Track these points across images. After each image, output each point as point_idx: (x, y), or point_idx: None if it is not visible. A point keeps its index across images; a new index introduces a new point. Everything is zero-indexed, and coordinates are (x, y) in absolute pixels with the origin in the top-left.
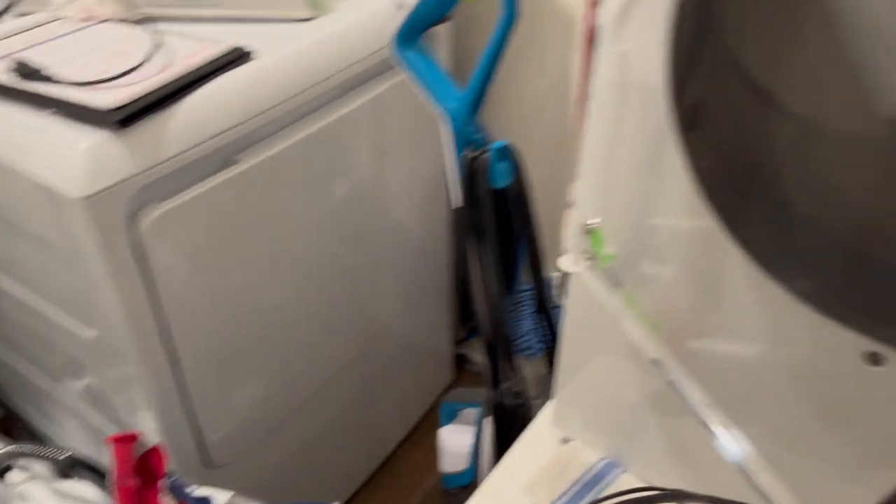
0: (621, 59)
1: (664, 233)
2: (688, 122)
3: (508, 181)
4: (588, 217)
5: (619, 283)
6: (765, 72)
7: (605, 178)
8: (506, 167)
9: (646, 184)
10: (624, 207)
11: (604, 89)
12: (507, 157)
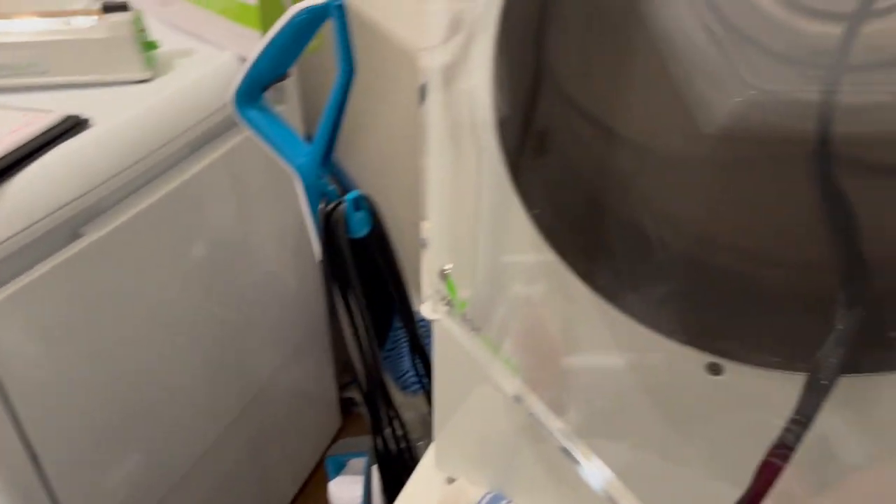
0: (454, 98)
1: (514, 272)
2: (525, 160)
3: (367, 229)
4: (441, 262)
5: (477, 326)
6: (596, 103)
7: (451, 220)
8: (363, 216)
9: (491, 224)
10: (473, 250)
11: (438, 130)
12: (362, 206)
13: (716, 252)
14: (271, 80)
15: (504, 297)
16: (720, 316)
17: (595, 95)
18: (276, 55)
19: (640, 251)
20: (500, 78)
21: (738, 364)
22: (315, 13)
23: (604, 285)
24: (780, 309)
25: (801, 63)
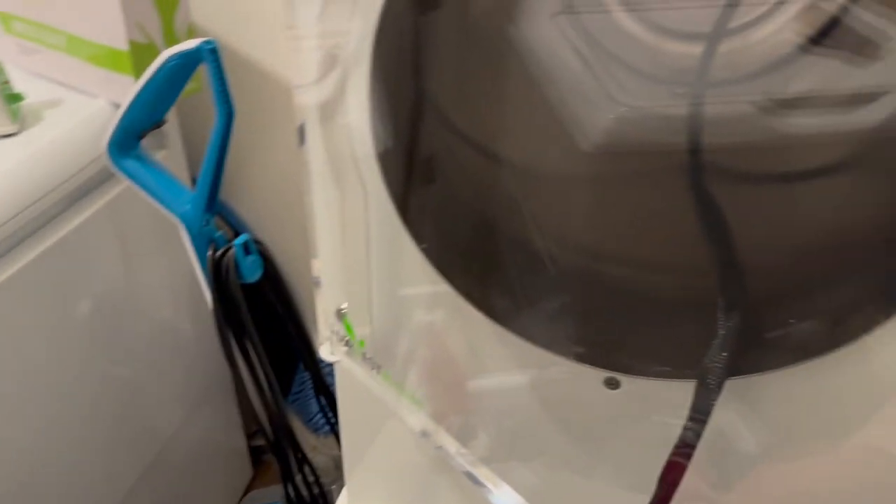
0: (334, 135)
1: (412, 305)
2: (413, 191)
3: (259, 273)
4: (336, 301)
5: (378, 364)
6: (477, 127)
7: (341, 258)
8: (254, 260)
9: (382, 259)
10: (367, 286)
11: (320, 167)
12: (252, 250)
13: (605, 265)
14: (147, 127)
15: (404, 331)
16: (612, 331)
17: (476, 120)
18: (150, 101)
19: (532, 271)
20: (379, 110)
21: (633, 376)
22: (188, 58)
23: (499, 310)
24: (668, 318)
25: (669, 81)
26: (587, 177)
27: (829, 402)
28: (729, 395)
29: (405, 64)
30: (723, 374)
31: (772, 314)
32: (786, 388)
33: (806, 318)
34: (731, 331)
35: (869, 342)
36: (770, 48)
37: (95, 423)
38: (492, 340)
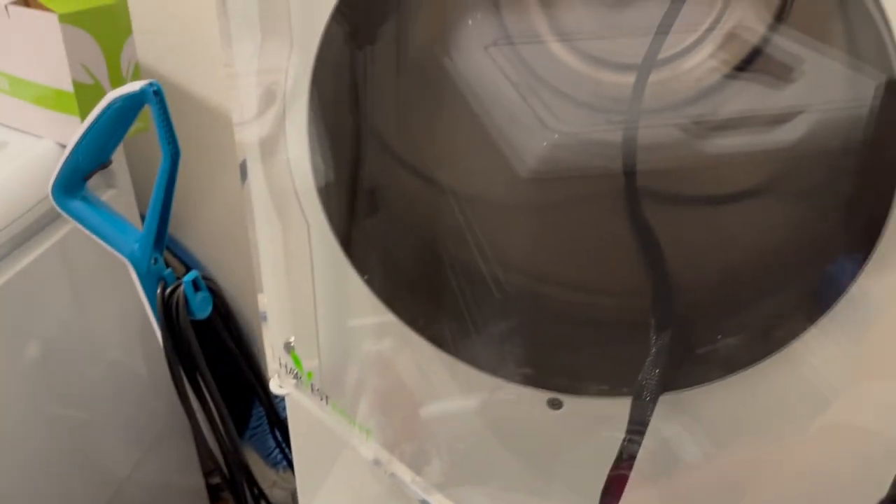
0: (275, 170)
1: (358, 336)
2: (356, 223)
3: (209, 309)
4: (283, 334)
5: (326, 395)
6: (418, 156)
7: (287, 292)
8: (203, 297)
9: (327, 292)
10: (313, 319)
11: (263, 203)
12: (201, 286)
13: (548, 287)
14: (93, 168)
15: (353, 362)
16: (554, 353)
17: (417, 149)
18: (95, 143)
19: (477, 297)
20: (319, 144)
21: (574, 396)
22: (132, 100)
23: (445, 337)
24: (606, 339)
25: (605, 109)
26: (528, 203)
27: (764, 407)
28: (668, 409)
29: (344, 98)
30: (656, 390)
31: (701, 331)
32: (722, 398)
33: (734, 334)
34: (662, 348)
35: (797, 348)
36: (698, 77)
37: (48, 465)
38: (439, 367)
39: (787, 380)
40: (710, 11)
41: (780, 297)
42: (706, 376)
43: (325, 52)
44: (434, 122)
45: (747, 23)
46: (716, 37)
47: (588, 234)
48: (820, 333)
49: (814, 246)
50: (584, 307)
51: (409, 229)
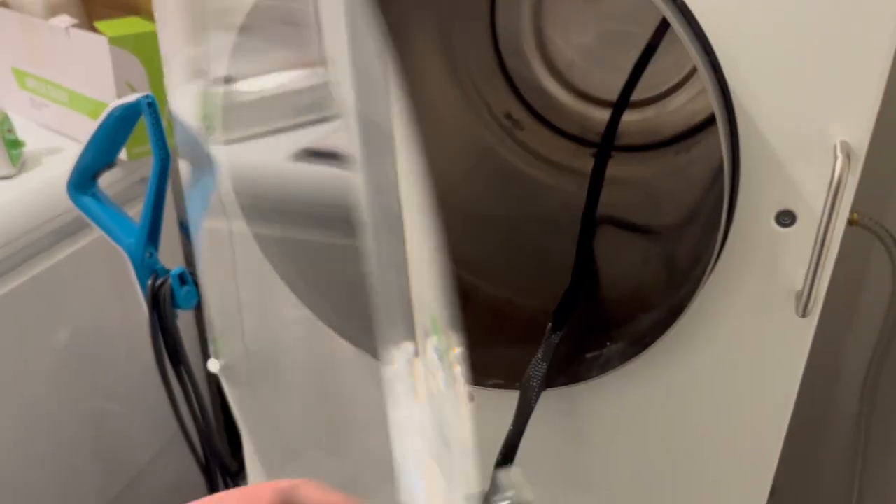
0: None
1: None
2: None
3: (194, 303)
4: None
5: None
6: None
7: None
8: (189, 290)
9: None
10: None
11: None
12: (187, 280)
13: (480, 282)
14: (100, 168)
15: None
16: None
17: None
18: (102, 146)
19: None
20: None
21: (479, 389)
22: (130, 109)
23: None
24: (518, 340)
25: (591, 143)
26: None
27: (632, 403)
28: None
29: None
30: (541, 383)
31: (597, 339)
32: (598, 395)
33: (617, 342)
34: (551, 346)
35: (657, 352)
36: (685, 117)
37: (68, 453)
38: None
39: (647, 381)
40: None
41: (656, 313)
42: (584, 376)
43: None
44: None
45: None
46: (698, 81)
47: (534, 246)
48: (672, 343)
49: (683, 275)
50: (507, 305)
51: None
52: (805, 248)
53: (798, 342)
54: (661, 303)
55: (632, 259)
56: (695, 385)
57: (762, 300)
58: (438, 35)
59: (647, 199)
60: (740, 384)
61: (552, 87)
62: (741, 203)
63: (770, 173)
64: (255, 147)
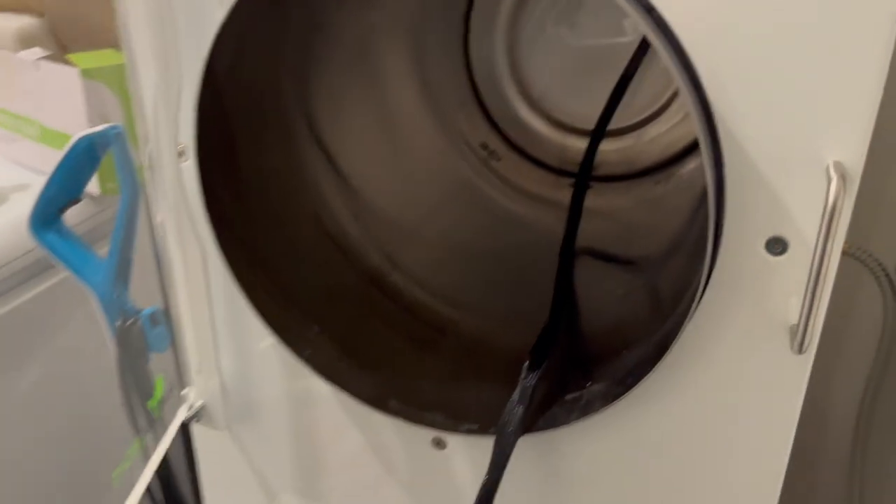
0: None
1: (253, 364)
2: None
3: (167, 345)
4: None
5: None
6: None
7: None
8: (161, 331)
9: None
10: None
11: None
12: (160, 321)
13: (459, 315)
14: (65, 202)
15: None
16: (439, 390)
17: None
18: (67, 179)
19: (374, 329)
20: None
21: (451, 434)
22: (96, 140)
23: (328, 366)
24: (495, 378)
25: (570, 174)
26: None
27: (615, 446)
28: (531, 452)
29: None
30: (518, 428)
31: (577, 379)
32: (579, 439)
33: (599, 381)
34: (527, 389)
35: (642, 392)
36: (663, 146)
37: (40, 483)
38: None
39: (633, 423)
40: (670, 85)
41: (639, 350)
42: (565, 419)
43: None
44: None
45: None
46: (677, 109)
47: (513, 277)
48: (658, 383)
49: (667, 308)
50: (485, 338)
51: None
52: (798, 278)
53: (794, 379)
54: (644, 338)
55: (613, 292)
56: (683, 428)
57: (753, 335)
58: (412, 65)
59: (626, 230)
60: (732, 426)
61: (528, 117)
62: (728, 230)
63: (758, 198)
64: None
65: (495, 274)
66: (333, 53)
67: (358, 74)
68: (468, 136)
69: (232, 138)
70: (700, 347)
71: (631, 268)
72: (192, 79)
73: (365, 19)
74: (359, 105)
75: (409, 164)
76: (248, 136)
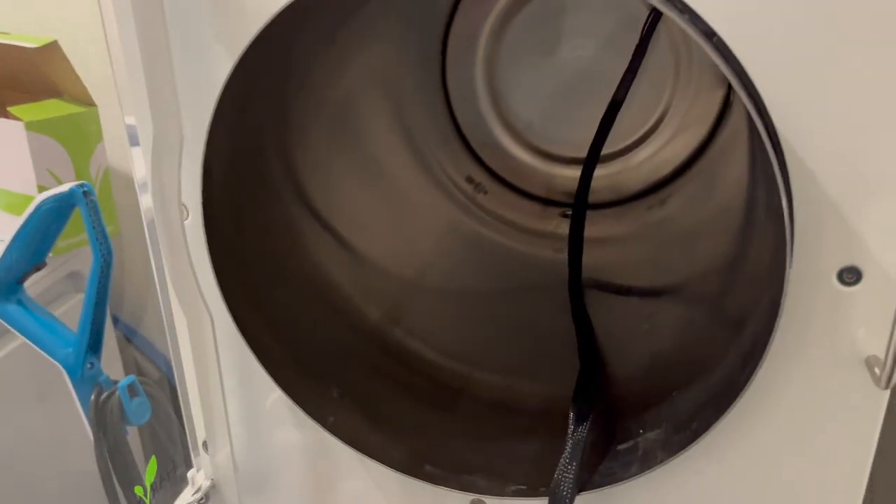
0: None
1: (269, 433)
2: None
3: (147, 416)
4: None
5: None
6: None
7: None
8: (141, 402)
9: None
10: (222, 414)
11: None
12: (138, 392)
13: (477, 374)
14: (27, 269)
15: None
16: (472, 450)
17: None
18: (29, 245)
19: (396, 385)
20: None
21: (496, 498)
22: (62, 200)
23: (353, 432)
24: (526, 431)
25: (559, 204)
26: (464, 288)
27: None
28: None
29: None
30: (573, 487)
31: (624, 426)
32: (640, 496)
33: (654, 428)
34: (579, 442)
35: (710, 443)
36: (650, 170)
37: None
38: (356, 469)
39: (702, 474)
40: (655, 108)
41: (694, 390)
42: (624, 473)
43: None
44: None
45: (692, 120)
46: (663, 132)
47: (523, 323)
48: (728, 428)
49: (722, 343)
50: (509, 395)
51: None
52: (872, 308)
53: (872, 414)
54: (697, 377)
55: (636, 328)
56: (756, 472)
57: (827, 371)
58: (392, 110)
59: (631, 260)
60: (807, 467)
61: (512, 147)
62: (798, 261)
63: (830, 226)
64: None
65: (502, 319)
66: (313, 113)
67: (339, 130)
68: (452, 174)
69: (233, 197)
70: (770, 387)
71: (650, 300)
72: (194, 134)
73: (343, 76)
74: (340, 157)
75: (399, 212)
76: (245, 195)
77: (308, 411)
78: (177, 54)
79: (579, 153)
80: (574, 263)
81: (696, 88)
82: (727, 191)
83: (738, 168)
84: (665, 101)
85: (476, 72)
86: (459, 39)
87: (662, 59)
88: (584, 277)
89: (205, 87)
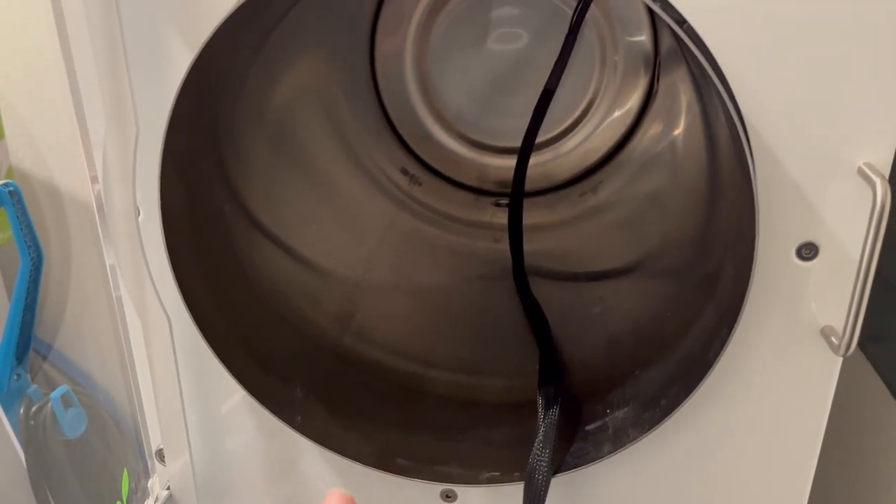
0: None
1: (228, 433)
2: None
3: (83, 427)
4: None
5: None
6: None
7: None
8: (76, 413)
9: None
10: (180, 419)
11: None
12: (73, 402)
13: (432, 370)
14: None
15: (227, 460)
16: (442, 441)
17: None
18: None
19: (358, 386)
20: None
21: (467, 486)
22: None
23: (320, 430)
24: (494, 421)
25: (492, 193)
26: (410, 285)
27: (654, 479)
28: (561, 491)
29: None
30: (549, 471)
31: (590, 407)
32: (614, 475)
33: (621, 407)
34: (551, 427)
35: (680, 419)
36: (579, 157)
37: None
38: (318, 461)
39: (675, 449)
40: (583, 97)
41: (659, 368)
42: (597, 453)
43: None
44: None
45: (618, 108)
46: (592, 119)
47: (473, 314)
48: (698, 402)
49: (682, 320)
50: (470, 389)
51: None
52: (828, 281)
53: (829, 381)
54: (658, 356)
55: (586, 312)
56: (725, 443)
57: (790, 341)
58: (324, 109)
59: (573, 246)
60: (771, 434)
61: (443, 138)
62: (760, 239)
63: (790, 203)
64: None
65: (452, 313)
66: (252, 124)
67: (277, 139)
68: (387, 168)
69: (184, 199)
70: (738, 361)
71: (597, 284)
72: (150, 131)
73: (275, 85)
74: (279, 166)
75: (339, 214)
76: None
77: (274, 412)
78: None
79: (509, 142)
80: (516, 252)
81: (623, 76)
82: (661, 176)
83: (672, 154)
84: (592, 88)
85: (405, 65)
86: (387, 33)
87: (589, 46)
88: (527, 265)
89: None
